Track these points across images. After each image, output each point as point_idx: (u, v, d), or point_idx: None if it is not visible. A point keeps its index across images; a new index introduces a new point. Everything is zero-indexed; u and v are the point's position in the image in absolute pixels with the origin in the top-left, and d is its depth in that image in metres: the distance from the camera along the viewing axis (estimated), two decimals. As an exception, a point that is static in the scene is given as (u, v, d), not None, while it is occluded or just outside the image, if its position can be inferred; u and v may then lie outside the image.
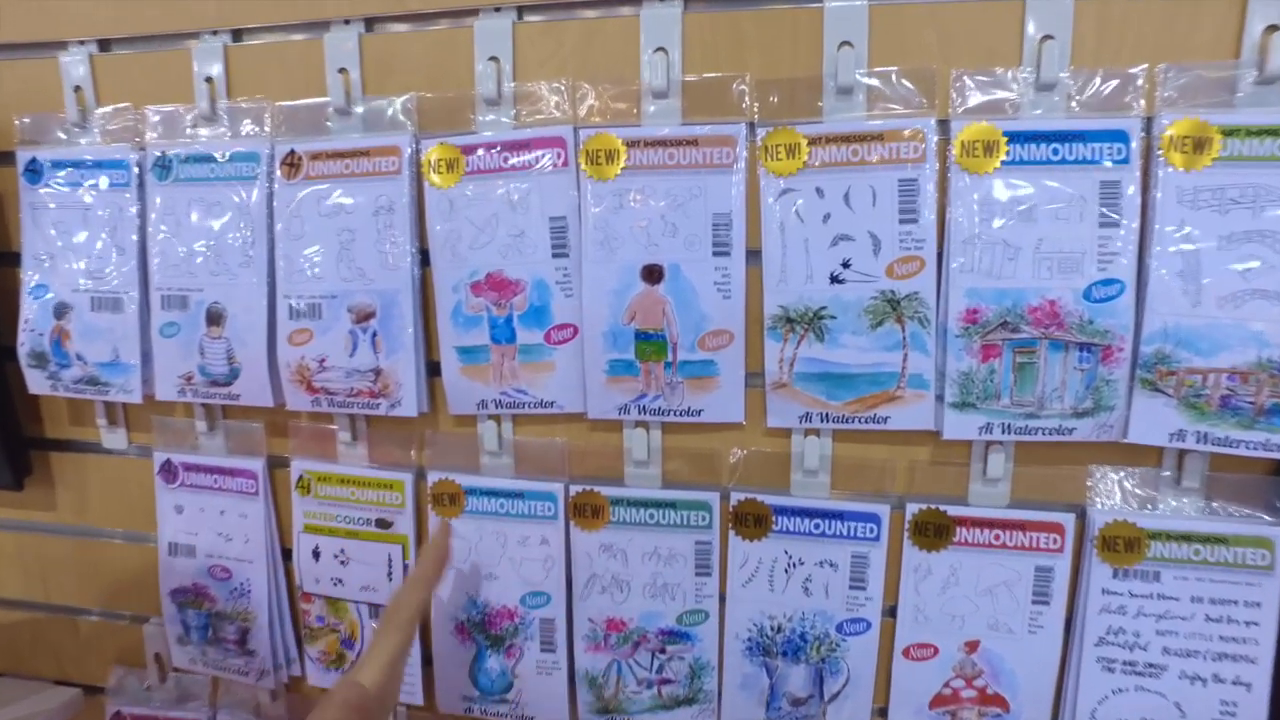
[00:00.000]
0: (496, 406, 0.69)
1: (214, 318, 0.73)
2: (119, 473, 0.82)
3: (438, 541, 0.70)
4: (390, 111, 0.69)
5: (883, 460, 0.65)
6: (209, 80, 0.72)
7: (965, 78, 0.59)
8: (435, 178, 0.67)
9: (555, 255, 0.66)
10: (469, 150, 0.66)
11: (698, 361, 0.65)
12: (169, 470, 0.79)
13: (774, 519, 0.67)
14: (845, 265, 0.61)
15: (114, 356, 0.75)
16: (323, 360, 0.71)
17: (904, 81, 0.60)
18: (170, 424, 0.79)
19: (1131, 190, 0.57)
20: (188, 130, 0.73)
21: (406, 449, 0.74)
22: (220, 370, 0.74)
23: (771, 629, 0.68)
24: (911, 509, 0.65)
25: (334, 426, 0.75)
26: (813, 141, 0.61)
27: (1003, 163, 0.58)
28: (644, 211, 0.64)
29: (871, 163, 0.60)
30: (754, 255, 0.63)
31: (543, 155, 0.65)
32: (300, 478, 0.76)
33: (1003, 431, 0.61)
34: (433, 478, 0.73)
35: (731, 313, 0.64)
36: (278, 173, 0.70)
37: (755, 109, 0.62)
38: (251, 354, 0.72)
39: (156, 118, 0.73)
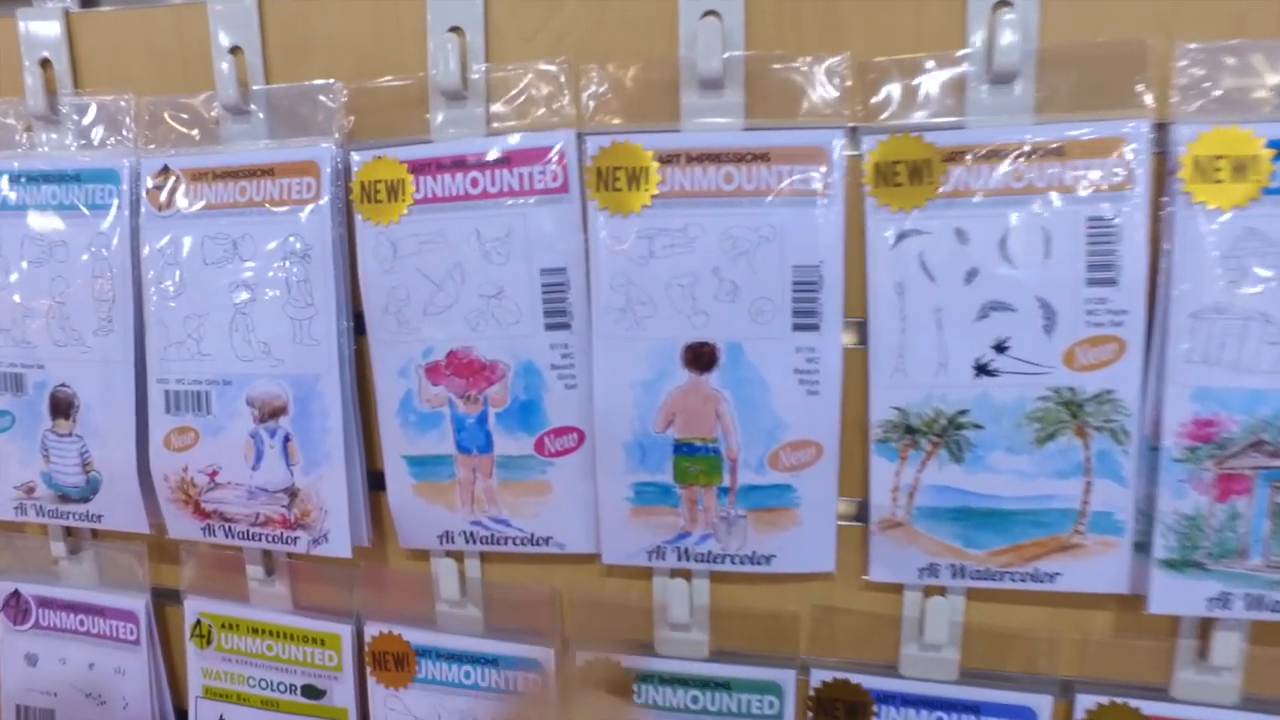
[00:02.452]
0: (467, 541, 0.48)
1: (61, 406, 0.51)
2: (-46, 606, 0.60)
3: None
4: (306, 110, 0.47)
5: (1040, 630, 0.44)
6: (45, 64, 0.50)
7: (1198, 57, 0.37)
8: (371, 208, 0.45)
9: (550, 327, 0.44)
10: (419, 168, 0.44)
11: (768, 486, 0.43)
12: (18, 606, 0.57)
13: (875, 709, 0.46)
14: (1000, 349, 0.40)
15: (-74, 458, 0.53)
16: (213, 473, 0.49)
17: (1094, 62, 0.38)
18: (18, 544, 0.57)
19: None
20: (19, 136, 0.51)
21: (344, 589, 0.52)
22: (72, 481, 0.52)
23: None
24: (1085, 702, 0.44)
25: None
26: (950, 157, 0.39)
27: (1264, 190, 0.37)
28: (687, 263, 0.42)
29: (1043, 190, 0.39)
30: (856, 329, 0.42)
31: (529, 175, 0.43)
32: (197, 623, 0.55)
33: (1248, 606, 0.39)
34: (372, 630, 0.51)
35: (820, 416, 0.42)
36: (145, 199, 0.48)
37: (857, 106, 0.41)
38: (115, 459, 0.50)
39: (-27, 119, 0.51)
